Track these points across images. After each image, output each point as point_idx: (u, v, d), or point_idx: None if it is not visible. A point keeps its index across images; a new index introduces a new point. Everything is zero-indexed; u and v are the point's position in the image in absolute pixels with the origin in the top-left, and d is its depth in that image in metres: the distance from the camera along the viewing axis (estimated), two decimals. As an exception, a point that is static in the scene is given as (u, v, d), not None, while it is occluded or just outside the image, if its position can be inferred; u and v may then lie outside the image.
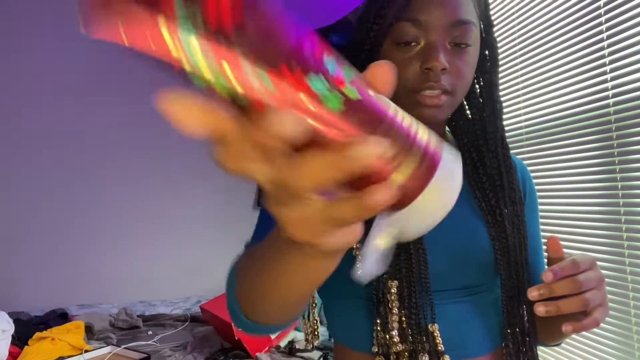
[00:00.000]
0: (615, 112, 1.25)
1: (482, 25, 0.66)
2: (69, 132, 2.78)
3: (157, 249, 2.85)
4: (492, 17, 0.69)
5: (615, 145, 1.25)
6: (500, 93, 1.88)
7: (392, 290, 0.60)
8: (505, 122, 1.85)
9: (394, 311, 0.59)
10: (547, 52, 1.49)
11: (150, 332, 1.99)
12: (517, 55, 1.65)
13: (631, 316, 1.22)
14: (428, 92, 0.58)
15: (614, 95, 1.25)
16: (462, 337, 0.63)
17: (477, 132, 0.69)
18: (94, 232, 2.78)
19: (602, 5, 1.27)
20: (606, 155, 1.29)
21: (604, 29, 1.27)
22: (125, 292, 2.73)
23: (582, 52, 1.35)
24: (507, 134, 1.83)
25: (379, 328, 0.60)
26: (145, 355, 1.62)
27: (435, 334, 0.60)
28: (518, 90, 1.65)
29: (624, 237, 1.24)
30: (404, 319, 0.60)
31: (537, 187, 1.62)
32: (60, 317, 2.20)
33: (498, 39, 1.74)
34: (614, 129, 1.25)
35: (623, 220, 1.24)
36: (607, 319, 1.29)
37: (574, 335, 1.43)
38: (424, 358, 0.58)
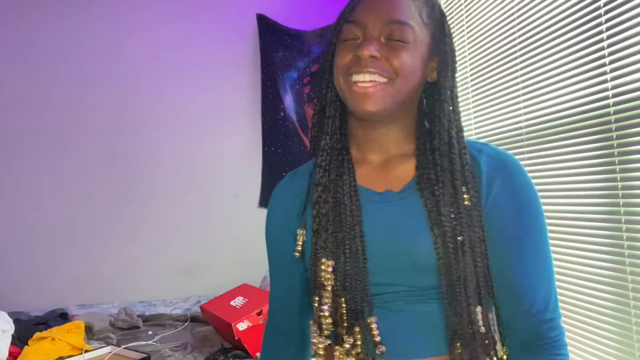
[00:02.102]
0: (615, 112, 1.25)
1: (433, 34, 0.73)
2: (69, 132, 2.78)
3: (157, 249, 2.85)
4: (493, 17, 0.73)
5: (615, 145, 1.25)
6: (500, 93, 1.88)
7: (328, 269, 0.67)
8: (505, 122, 1.86)
9: (327, 289, 0.67)
10: (547, 52, 1.49)
11: (150, 332, 1.99)
12: (517, 55, 1.65)
13: (631, 316, 1.22)
14: (359, 78, 0.66)
15: (614, 96, 1.25)
16: (400, 339, 0.67)
17: (432, 131, 0.73)
18: (94, 232, 2.78)
19: (602, 5, 1.27)
20: (606, 155, 1.29)
21: (604, 29, 1.27)
22: (125, 292, 2.73)
23: (582, 52, 1.35)
24: (507, 134, 1.84)
25: (315, 305, 0.69)
26: (145, 355, 1.62)
27: (373, 326, 0.66)
28: (518, 90, 1.65)
29: (624, 237, 1.24)
30: (343, 304, 0.66)
31: (537, 187, 1.61)
32: (60, 317, 2.20)
33: (498, 39, 1.75)
34: (614, 129, 1.25)
35: (623, 220, 1.24)
36: (607, 318, 1.29)
37: (574, 335, 1.43)
38: (349, 339, 0.66)
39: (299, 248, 0.74)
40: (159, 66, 2.92)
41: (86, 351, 1.67)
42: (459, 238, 0.66)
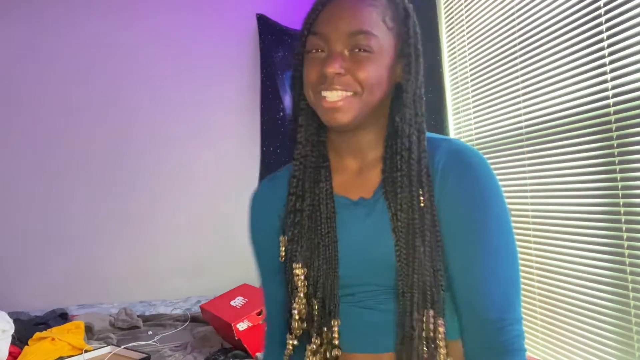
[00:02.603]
0: (615, 113, 1.25)
1: (398, 35, 0.72)
2: (68, 133, 2.78)
3: (157, 249, 2.85)
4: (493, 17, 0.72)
5: (615, 145, 1.25)
6: (500, 93, 1.88)
7: (301, 277, 0.71)
8: (505, 122, 1.86)
9: (300, 294, 0.71)
10: (547, 52, 1.49)
11: (150, 332, 1.99)
12: (517, 55, 1.65)
13: (631, 316, 1.22)
14: (327, 94, 0.67)
15: (614, 96, 1.25)
16: (362, 334, 0.71)
17: (397, 138, 0.72)
18: (94, 232, 2.78)
19: (602, 5, 1.27)
20: (606, 156, 1.29)
21: (604, 29, 1.27)
22: (125, 292, 2.73)
23: (582, 52, 1.35)
24: (507, 134, 1.84)
25: (294, 314, 0.72)
26: (145, 355, 1.62)
27: (335, 329, 0.69)
28: (518, 90, 1.65)
29: (624, 237, 1.24)
30: (316, 306, 0.70)
31: (536, 187, 1.62)
32: (60, 317, 2.20)
33: (498, 39, 1.75)
34: (614, 129, 1.25)
35: (623, 220, 1.24)
36: (607, 318, 1.29)
37: (574, 335, 1.43)
38: (317, 340, 0.70)
39: (282, 254, 0.76)
40: (158, 66, 2.92)
41: (86, 351, 1.67)
42: (416, 243, 0.67)
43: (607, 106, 1.27)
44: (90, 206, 2.79)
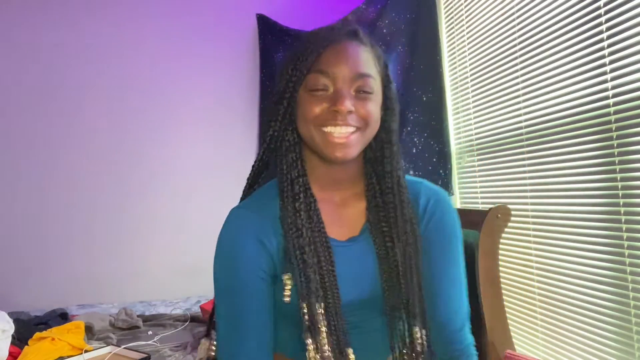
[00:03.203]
0: (615, 112, 1.25)
1: (382, 81, 0.79)
2: (68, 133, 2.78)
3: (157, 249, 2.85)
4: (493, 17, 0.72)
5: (615, 145, 1.25)
6: (500, 93, 1.88)
7: (320, 312, 0.71)
8: (505, 122, 1.87)
9: (323, 330, 0.71)
10: (547, 52, 1.49)
11: (150, 332, 1.98)
12: (517, 55, 1.65)
13: (631, 316, 1.22)
14: (336, 130, 0.72)
15: (614, 96, 1.25)
16: (369, 354, 0.76)
17: (379, 171, 0.80)
18: (94, 232, 2.78)
19: (602, 5, 1.27)
20: (606, 155, 1.29)
21: (604, 29, 1.27)
22: (125, 292, 2.73)
23: (582, 52, 1.35)
24: (507, 134, 1.84)
25: (310, 348, 0.71)
26: (145, 355, 1.62)
27: (350, 356, 0.72)
28: (518, 90, 1.65)
29: (624, 237, 1.24)
30: (327, 340, 0.71)
31: (536, 187, 1.62)
32: (60, 317, 2.19)
33: (498, 39, 1.75)
34: (614, 129, 1.25)
35: (623, 220, 1.24)
36: (607, 318, 1.29)
37: (574, 335, 1.43)
38: None
39: (288, 293, 0.74)
40: (158, 66, 2.92)
41: (86, 351, 1.67)
42: (405, 264, 0.76)
43: (607, 106, 1.27)
44: (91, 206, 2.79)
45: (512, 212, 1.65)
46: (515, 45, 1.66)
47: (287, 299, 0.74)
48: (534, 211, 1.60)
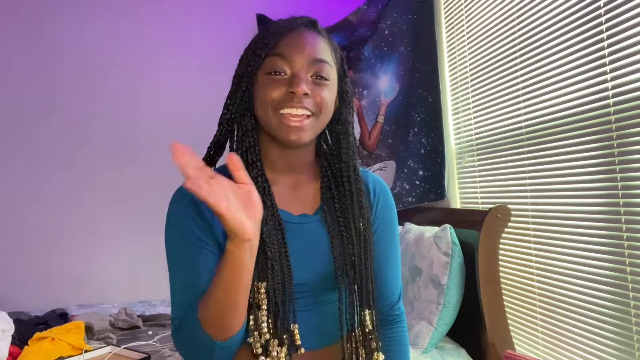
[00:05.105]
0: (615, 112, 1.25)
1: (338, 72, 0.82)
2: (68, 133, 2.78)
3: (157, 249, 2.84)
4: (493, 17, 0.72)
5: (615, 145, 1.25)
6: (500, 93, 1.88)
7: (262, 291, 0.72)
8: (505, 122, 1.87)
9: (263, 307, 0.72)
10: (547, 52, 1.49)
11: (150, 332, 1.98)
12: (517, 55, 1.65)
13: (631, 316, 1.22)
14: (292, 111, 0.73)
15: (614, 95, 1.25)
16: (314, 334, 0.78)
17: (335, 160, 0.84)
18: (94, 232, 2.78)
19: (602, 5, 1.27)
20: (606, 155, 1.29)
21: (604, 29, 1.27)
22: (125, 292, 2.73)
23: (582, 52, 1.35)
24: (507, 134, 1.83)
25: (251, 323, 0.73)
26: (145, 355, 1.62)
27: (295, 332, 0.74)
28: (518, 90, 1.65)
29: (624, 237, 1.24)
30: (270, 319, 0.73)
31: (536, 187, 1.62)
32: (60, 317, 2.19)
33: (498, 39, 1.75)
34: (614, 129, 1.26)
35: (623, 220, 1.24)
36: (607, 318, 1.29)
37: (574, 335, 1.43)
38: (283, 350, 0.72)
39: None
40: (157, 66, 2.92)
41: (86, 351, 1.67)
42: (360, 248, 0.80)
43: (607, 106, 1.27)
44: (90, 206, 2.79)
45: (512, 212, 1.66)
46: (515, 45, 1.66)
47: None
48: (534, 211, 1.60)
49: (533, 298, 1.62)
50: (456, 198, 2.14)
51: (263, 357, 0.72)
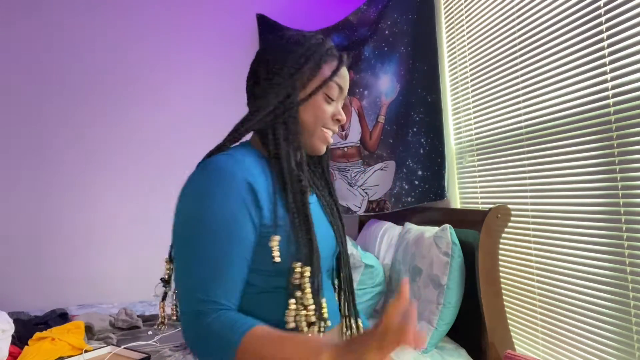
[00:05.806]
0: (615, 112, 1.25)
1: None
2: (68, 133, 2.78)
3: (157, 249, 2.84)
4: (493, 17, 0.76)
5: (615, 145, 1.25)
6: (500, 93, 1.88)
7: (306, 274, 0.76)
8: (505, 122, 1.86)
9: (307, 291, 0.76)
10: (547, 52, 1.49)
11: (150, 332, 1.99)
12: (517, 55, 1.65)
13: (631, 316, 1.22)
14: (330, 133, 0.89)
15: (614, 95, 1.25)
16: (330, 309, 0.86)
17: (323, 159, 0.97)
18: (94, 232, 2.78)
19: (602, 5, 1.27)
20: (606, 155, 1.29)
21: (604, 29, 1.27)
22: (125, 292, 2.73)
23: (582, 52, 1.35)
24: (507, 134, 1.83)
25: (292, 307, 0.75)
26: (145, 355, 1.62)
27: (324, 306, 0.79)
28: (518, 90, 1.65)
29: (624, 237, 1.24)
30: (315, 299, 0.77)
31: (536, 187, 1.62)
32: (60, 317, 2.19)
33: (498, 39, 1.75)
34: (614, 129, 1.26)
35: (623, 220, 1.24)
36: (607, 318, 1.29)
37: (574, 335, 1.43)
38: (321, 323, 0.77)
39: (277, 253, 0.74)
40: (158, 66, 2.92)
41: (86, 351, 1.67)
42: (341, 233, 0.93)
43: (607, 106, 1.27)
44: (91, 206, 2.79)
45: (512, 212, 1.66)
46: (515, 46, 1.66)
47: (277, 259, 0.74)
48: (534, 211, 1.60)
49: (533, 298, 1.62)
50: (456, 198, 2.14)
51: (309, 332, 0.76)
